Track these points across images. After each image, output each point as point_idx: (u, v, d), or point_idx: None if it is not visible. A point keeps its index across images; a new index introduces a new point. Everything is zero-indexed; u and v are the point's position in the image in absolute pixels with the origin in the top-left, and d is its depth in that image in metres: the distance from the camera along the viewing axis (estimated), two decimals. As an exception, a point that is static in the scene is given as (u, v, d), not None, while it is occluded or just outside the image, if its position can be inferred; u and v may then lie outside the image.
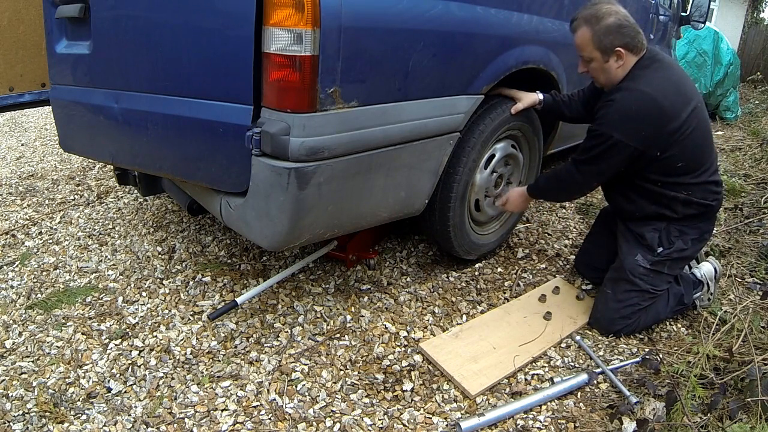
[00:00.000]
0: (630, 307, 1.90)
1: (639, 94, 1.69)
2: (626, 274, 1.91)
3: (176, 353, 1.77)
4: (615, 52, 1.72)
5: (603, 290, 1.99)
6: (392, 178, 1.69)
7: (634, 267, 1.90)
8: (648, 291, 1.90)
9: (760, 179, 3.58)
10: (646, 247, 1.90)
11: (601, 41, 1.72)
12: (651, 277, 1.90)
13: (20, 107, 2.50)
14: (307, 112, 1.34)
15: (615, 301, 1.92)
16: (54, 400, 1.57)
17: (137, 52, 1.69)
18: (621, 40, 1.71)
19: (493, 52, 1.84)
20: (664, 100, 1.68)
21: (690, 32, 5.90)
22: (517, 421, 1.55)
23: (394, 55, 1.49)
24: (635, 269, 1.90)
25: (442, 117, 1.73)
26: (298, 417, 1.53)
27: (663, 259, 1.89)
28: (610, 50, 1.72)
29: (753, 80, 8.64)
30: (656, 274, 1.90)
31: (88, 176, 3.44)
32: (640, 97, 1.69)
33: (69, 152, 2.33)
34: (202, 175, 1.63)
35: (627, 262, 1.92)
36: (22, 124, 5.02)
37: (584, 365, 1.80)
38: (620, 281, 1.93)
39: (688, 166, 1.79)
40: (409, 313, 2.02)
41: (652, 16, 3.39)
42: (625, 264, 1.93)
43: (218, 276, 2.19)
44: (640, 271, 1.90)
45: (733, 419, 1.46)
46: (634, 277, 1.90)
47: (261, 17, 1.32)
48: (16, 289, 2.13)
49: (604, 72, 1.79)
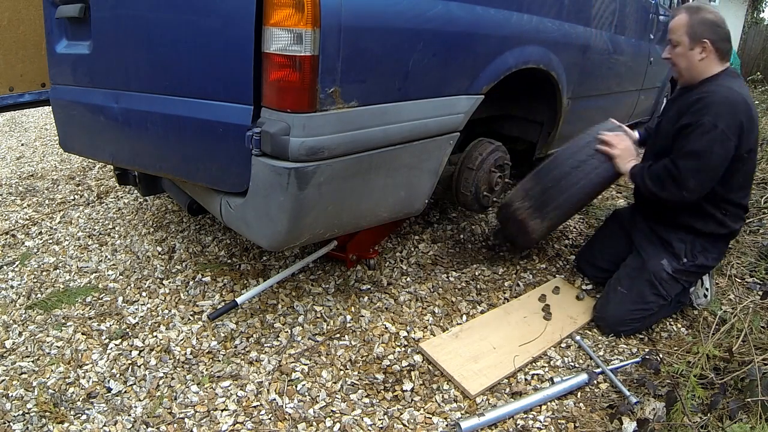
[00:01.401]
0: (644, 310, 1.91)
1: (735, 93, 1.73)
2: (650, 275, 1.92)
3: (176, 353, 1.77)
4: (701, 43, 1.77)
5: (616, 289, 1.97)
6: (392, 178, 1.69)
7: (659, 270, 1.91)
8: (663, 297, 1.91)
9: (760, 179, 3.57)
10: (673, 255, 1.91)
11: (693, 28, 1.78)
12: (670, 285, 1.91)
13: (20, 107, 2.50)
14: (307, 112, 1.34)
15: (630, 301, 1.92)
16: (54, 400, 1.57)
17: (137, 52, 1.69)
18: (711, 35, 1.77)
19: (493, 52, 1.84)
20: (753, 106, 1.75)
21: (690, 32, 5.89)
22: (517, 421, 1.55)
23: (394, 55, 1.49)
24: (659, 273, 1.91)
25: (442, 117, 1.73)
26: (298, 417, 1.53)
27: (684, 270, 1.91)
28: (698, 39, 1.77)
29: (753, 80, 8.64)
30: (675, 283, 1.92)
31: (88, 176, 3.44)
32: (737, 96, 1.72)
33: (69, 152, 2.32)
34: (202, 175, 1.63)
35: (652, 264, 1.93)
36: (22, 124, 5.02)
37: (584, 365, 1.80)
38: (641, 282, 1.93)
39: (743, 182, 1.84)
40: (409, 313, 2.02)
41: (652, 16, 3.39)
42: (650, 266, 1.93)
43: (218, 276, 2.19)
44: (663, 276, 1.90)
45: (733, 419, 1.46)
46: (656, 280, 1.90)
47: (261, 17, 1.32)
48: (16, 289, 2.13)
49: (686, 59, 1.82)
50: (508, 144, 2.34)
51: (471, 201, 2.19)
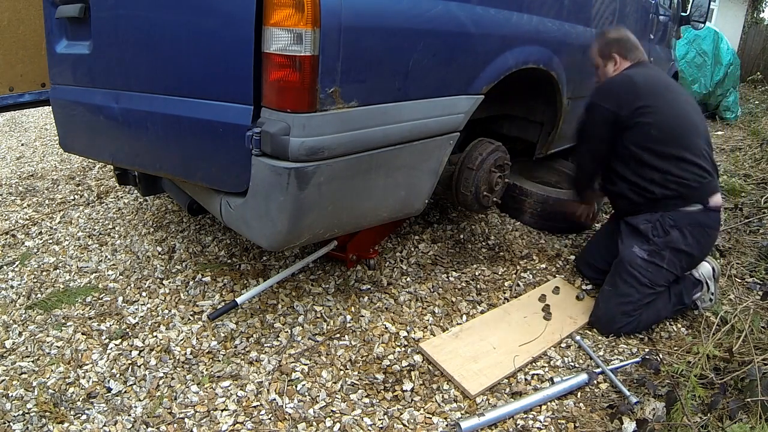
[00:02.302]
0: (630, 303, 1.90)
1: (617, 75, 2.08)
2: (625, 265, 1.95)
3: (176, 353, 1.77)
4: (612, 58, 2.13)
5: (603, 288, 2.01)
6: (392, 178, 1.69)
7: (632, 258, 1.94)
8: (647, 285, 1.91)
9: (760, 179, 3.58)
10: (642, 237, 1.95)
11: (602, 50, 2.16)
12: (649, 271, 1.91)
13: (20, 107, 2.50)
14: (307, 112, 1.34)
15: (615, 296, 1.94)
16: (54, 400, 1.57)
17: (137, 52, 1.69)
18: (617, 49, 2.12)
19: (493, 52, 1.84)
20: (636, 76, 1.99)
21: (690, 32, 5.90)
22: (517, 421, 1.55)
23: (394, 54, 1.49)
24: (633, 260, 1.94)
25: (442, 117, 1.73)
26: (298, 417, 1.53)
27: (659, 250, 1.91)
28: (608, 56, 2.14)
29: (753, 80, 8.65)
30: (655, 268, 1.91)
31: (88, 176, 3.44)
32: (618, 76, 2.07)
33: (69, 152, 2.32)
34: (202, 175, 1.63)
35: (625, 254, 1.97)
36: (22, 124, 5.02)
37: (584, 365, 1.80)
38: (619, 275, 1.96)
39: (664, 136, 1.90)
40: (409, 313, 2.02)
41: (652, 16, 3.39)
42: (624, 256, 1.97)
43: (218, 276, 2.19)
44: (638, 262, 1.93)
45: (733, 419, 1.46)
46: (632, 268, 1.93)
47: (261, 17, 1.32)
48: (16, 289, 2.13)
49: (604, 75, 2.16)
50: (508, 144, 2.34)
51: (471, 201, 2.19)
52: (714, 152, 2.05)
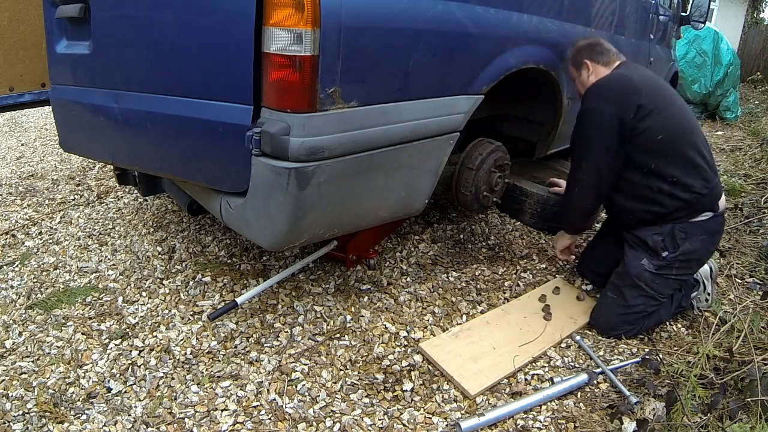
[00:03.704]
0: (635, 314, 1.89)
1: (609, 75, 1.97)
2: (632, 279, 1.89)
3: (176, 353, 1.77)
4: (584, 64, 2.05)
5: (606, 294, 1.97)
6: (392, 178, 1.69)
7: (640, 272, 1.88)
8: (654, 297, 1.88)
9: (760, 179, 3.58)
10: (651, 252, 1.87)
11: (574, 59, 2.11)
12: (657, 283, 1.87)
13: (20, 107, 2.50)
14: (307, 112, 1.34)
15: (620, 306, 1.90)
16: (54, 400, 1.57)
17: (137, 52, 1.69)
18: (587, 55, 2.05)
19: (493, 52, 1.84)
20: (631, 74, 1.91)
21: (690, 32, 5.90)
22: (517, 421, 1.55)
23: (394, 55, 1.49)
24: (641, 274, 1.88)
25: (442, 117, 1.73)
26: (298, 417, 1.53)
27: (670, 263, 1.86)
28: (580, 64, 2.07)
29: (753, 80, 8.65)
30: (663, 279, 1.88)
31: (88, 176, 3.44)
32: (611, 75, 1.96)
33: (69, 152, 2.32)
34: (202, 175, 1.63)
35: (632, 266, 1.90)
36: (22, 124, 5.02)
37: (584, 365, 1.80)
38: (626, 287, 1.91)
39: (669, 140, 1.79)
40: (409, 313, 2.02)
41: (652, 16, 3.39)
42: (631, 269, 1.90)
43: (218, 276, 2.19)
44: (647, 276, 1.87)
45: (733, 419, 1.46)
46: (641, 281, 1.88)
47: (261, 17, 1.32)
48: (16, 289, 2.13)
49: (582, 84, 2.08)
50: (508, 144, 2.34)
51: (471, 201, 2.19)
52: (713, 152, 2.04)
